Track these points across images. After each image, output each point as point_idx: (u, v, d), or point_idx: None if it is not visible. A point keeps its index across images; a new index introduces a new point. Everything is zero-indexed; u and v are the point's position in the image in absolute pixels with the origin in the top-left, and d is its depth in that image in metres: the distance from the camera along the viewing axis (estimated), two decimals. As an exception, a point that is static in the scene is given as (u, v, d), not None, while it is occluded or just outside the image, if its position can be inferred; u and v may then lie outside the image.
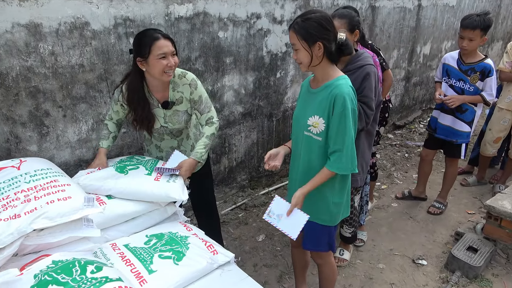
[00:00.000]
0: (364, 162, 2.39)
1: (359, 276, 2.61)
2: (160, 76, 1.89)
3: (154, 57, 1.84)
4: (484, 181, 3.86)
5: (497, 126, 3.54)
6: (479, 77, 2.91)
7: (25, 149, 2.15)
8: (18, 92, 2.05)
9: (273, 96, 3.47)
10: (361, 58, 2.19)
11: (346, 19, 2.18)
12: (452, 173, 3.32)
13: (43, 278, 1.22)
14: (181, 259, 1.59)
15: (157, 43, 1.83)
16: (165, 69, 1.87)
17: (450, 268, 2.64)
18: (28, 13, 1.98)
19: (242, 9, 2.93)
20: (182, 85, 2.04)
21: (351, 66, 2.19)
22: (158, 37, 1.84)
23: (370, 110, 2.16)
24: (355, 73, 2.16)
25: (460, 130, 3.05)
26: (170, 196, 1.82)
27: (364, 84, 2.14)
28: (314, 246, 1.97)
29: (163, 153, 2.21)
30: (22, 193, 1.46)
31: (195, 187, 2.28)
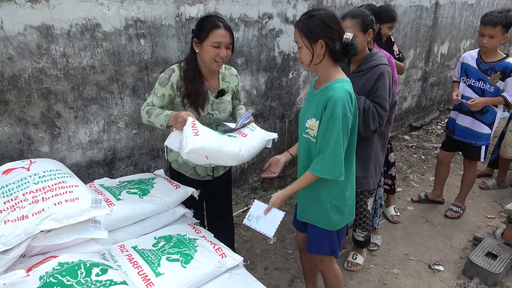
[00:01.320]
0: (377, 164, 2.33)
1: (372, 281, 2.54)
2: (209, 63, 1.92)
3: (208, 43, 1.86)
4: (504, 184, 3.73)
5: None
6: (499, 76, 2.80)
7: (37, 150, 2.17)
8: (30, 93, 2.07)
9: (285, 97, 3.43)
10: (375, 57, 2.14)
11: (359, 18, 2.11)
12: (470, 176, 3.21)
13: (48, 280, 1.21)
14: (189, 262, 1.57)
15: (216, 31, 1.86)
16: (215, 57, 1.89)
17: (468, 275, 2.55)
18: (40, 15, 2.00)
19: (254, 9, 2.91)
20: (230, 75, 2.11)
21: (365, 66, 2.14)
22: (219, 25, 1.87)
23: (383, 111, 2.10)
24: (368, 73, 2.12)
25: (479, 131, 2.95)
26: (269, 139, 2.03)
27: (377, 84, 2.08)
28: (315, 249, 1.95)
29: None
30: (31, 194, 1.46)
31: (212, 192, 2.25)
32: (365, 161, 2.28)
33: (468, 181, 3.24)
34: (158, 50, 2.48)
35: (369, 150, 2.25)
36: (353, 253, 2.70)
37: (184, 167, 2.11)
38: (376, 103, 2.09)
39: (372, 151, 2.26)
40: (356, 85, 2.11)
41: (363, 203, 2.48)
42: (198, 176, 2.14)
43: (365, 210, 2.50)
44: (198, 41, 1.90)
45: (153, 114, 1.87)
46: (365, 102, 2.09)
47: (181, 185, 1.95)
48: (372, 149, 2.26)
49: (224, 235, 2.32)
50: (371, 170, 2.30)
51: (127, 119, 2.48)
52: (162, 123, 1.84)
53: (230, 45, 1.93)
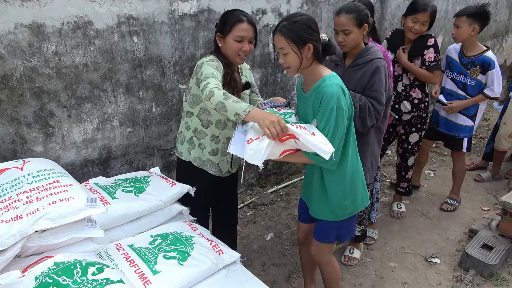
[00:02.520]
0: (373, 158, 2.32)
1: (370, 275, 2.55)
2: (233, 57, 1.92)
3: (231, 37, 1.87)
4: (499, 176, 3.76)
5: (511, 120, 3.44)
6: (479, 70, 2.83)
7: (30, 150, 2.16)
8: (22, 93, 2.05)
9: (280, 92, 3.43)
10: (371, 52, 2.13)
11: (354, 13, 2.08)
12: (461, 167, 3.26)
13: (44, 280, 1.20)
14: (185, 259, 1.56)
15: (239, 25, 1.86)
16: (239, 52, 1.89)
17: (464, 267, 2.57)
18: (31, 13, 1.97)
19: (247, 5, 2.89)
20: (245, 69, 2.14)
21: (360, 60, 2.13)
22: (243, 19, 1.87)
23: (380, 106, 2.09)
24: (364, 67, 2.11)
25: (462, 124, 3.00)
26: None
27: (373, 78, 2.07)
28: (323, 238, 1.97)
29: (219, 144, 2.05)
30: (24, 194, 1.45)
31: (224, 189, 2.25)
32: (361, 156, 2.27)
33: (459, 173, 3.27)
34: (152, 47, 2.47)
35: (365, 145, 2.24)
36: (350, 247, 2.70)
37: (208, 164, 2.08)
38: (372, 97, 2.08)
39: (368, 145, 2.26)
40: (351, 79, 2.12)
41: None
42: (220, 172, 2.13)
43: None
44: (221, 35, 1.90)
45: (231, 99, 1.61)
46: (361, 99, 2.09)
47: (176, 183, 1.94)
48: (369, 143, 2.25)
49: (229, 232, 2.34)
50: (367, 165, 2.28)
51: (121, 117, 2.47)
52: (240, 112, 1.57)
53: (253, 39, 1.93)
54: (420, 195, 3.51)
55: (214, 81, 1.71)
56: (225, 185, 2.25)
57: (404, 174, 3.18)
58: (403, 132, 3.03)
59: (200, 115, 1.99)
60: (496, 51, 6.66)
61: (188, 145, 2.07)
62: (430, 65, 2.74)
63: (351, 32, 2.06)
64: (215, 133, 2.02)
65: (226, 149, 1.85)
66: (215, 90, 1.65)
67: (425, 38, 2.76)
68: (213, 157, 2.07)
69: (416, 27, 2.67)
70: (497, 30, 6.36)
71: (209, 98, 1.65)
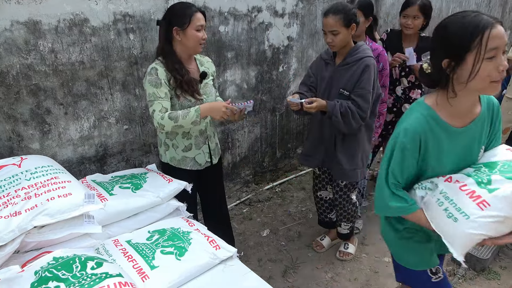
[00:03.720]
0: (364, 155, 2.38)
1: (364, 270, 2.59)
2: (194, 48, 1.97)
3: (192, 28, 1.91)
4: None
5: (506, 117, 3.47)
6: None
7: (27, 147, 2.16)
8: (19, 90, 2.05)
9: (276, 90, 3.45)
10: (360, 50, 2.16)
11: (341, 14, 2.08)
12: None
13: (43, 274, 1.22)
14: (183, 255, 1.58)
15: (197, 15, 1.91)
16: (200, 41, 1.95)
17: (457, 261, 2.60)
18: (27, 10, 1.97)
19: (243, 3, 2.91)
20: (207, 62, 2.19)
21: (350, 59, 2.16)
22: (197, 9, 1.94)
23: (365, 103, 2.13)
24: (354, 66, 2.14)
25: None
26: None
27: (362, 76, 2.11)
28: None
29: (191, 139, 2.11)
30: (23, 191, 1.46)
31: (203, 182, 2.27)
32: (352, 153, 2.32)
33: None
34: (148, 45, 2.47)
35: (356, 142, 2.30)
36: (344, 243, 2.74)
37: (184, 161, 2.13)
38: (359, 95, 2.12)
39: (358, 142, 2.30)
40: (342, 78, 2.19)
41: (346, 197, 2.51)
42: (199, 166, 2.17)
43: (350, 203, 2.54)
44: (180, 29, 1.91)
45: (179, 117, 1.87)
46: (341, 106, 2.12)
47: (173, 179, 1.96)
48: (359, 140, 2.30)
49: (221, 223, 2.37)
50: (358, 161, 2.34)
51: (118, 114, 2.48)
52: (194, 118, 1.88)
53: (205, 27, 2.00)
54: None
55: (158, 106, 1.89)
56: (208, 177, 2.27)
57: None
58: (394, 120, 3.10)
59: None
60: (489, 49, 6.71)
61: (164, 147, 2.14)
62: None
63: (339, 32, 2.08)
64: (186, 130, 2.07)
65: (199, 142, 2.10)
66: (160, 122, 1.87)
67: (429, 41, 2.79)
68: (187, 153, 2.12)
69: (409, 22, 2.75)
70: (490, 28, 6.40)
71: (162, 129, 1.91)
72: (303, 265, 2.62)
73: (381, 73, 2.57)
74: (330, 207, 2.71)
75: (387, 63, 2.58)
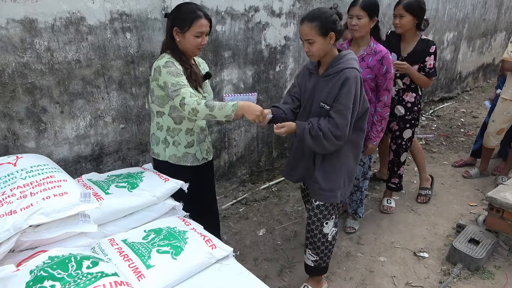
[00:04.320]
0: (347, 175, 2.12)
1: (360, 269, 2.60)
2: (192, 51, 1.97)
3: (191, 34, 1.90)
4: (486, 173, 3.83)
5: (501, 118, 3.50)
6: None
7: (23, 146, 2.15)
8: (14, 88, 2.04)
9: (273, 90, 3.45)
10: (343, 60, 1.95)
11: (317, 21, 1.86)
12: (416, 150, 3.38)
13: (39, 274, 1.21)
14: (179, 254, 1.58)
15: (199, 22, 1.89)
16: (198, 46, 1.95)
17: (452, 261, 2.63)
18: (23, 8, 1.97)
19: (240, 2, 2.91)
20: (202, 63, 2.20)
21: (331, 70, 1.96)
22: (201, 15, 1.90)
23: (342, 120, 1.92)
24: (334, 78, 1.95)
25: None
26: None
27: (342, 90, 1.91)
28: None
29: (194, 136, 2.11)
30: (18, 189, 1.46)
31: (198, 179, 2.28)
32: (332, 172, 2.09)
33: (419, 158, 3.42)
34: (144, 44, 2.47)
35: (337, 161, 2.08)
36: (304, 284, 2.37)
37: (185, 158, 2.13)
38: (336, 111, 1.93)
39: (340, 161, 2.08)
40: (323, 91, 2.00)
41: (316, 220, 2.17)
42: (197, 161, 2.18)
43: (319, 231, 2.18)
44: (180, 31, 1.91)
45: (215, 107, 1.81)
46: (311, 129, 1.96)
47: (170, 178, 1.96)
48: (341, 159, 2.08)
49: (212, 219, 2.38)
50: (338, 182, 2.10)
51: (114, 113, 2.47)
52: (229, 113, 1.82)
53: (209, 32, 1.99)
54: (409, 191, 3.57)
55: (187, 93, 1.84)
56: (203, 174, 2.29)
57: (396, 170, 3.23)
58: (397, 128, 3.09)
59: (171, 113, 2.02)
60: (485, 50, 6.76)
61: (163, 145, 2.11)
62: (429, 72, 2.86)
63: (314, 41, 1.89)
64: (189, 126, 2.08)
65: (199, 138, 2.12)
66: (196, 107, 1.81)
67: (428, 45, 2.82)
68: (189, 149, 2.12)
69: (396, 22, 2.78)
70: (486, 29, 6.45)
71: (194, 115, 1.85)
72: (299, 264, 2.62)
73: (384, 76, 2.49)
74: None
75: (391, 66, 2.50)
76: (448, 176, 3.84)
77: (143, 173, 2.05)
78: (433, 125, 5.23)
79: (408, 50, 2.86)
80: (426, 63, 2.83)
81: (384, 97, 2.55)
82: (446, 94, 6.15)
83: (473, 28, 6.08)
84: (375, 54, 2.49)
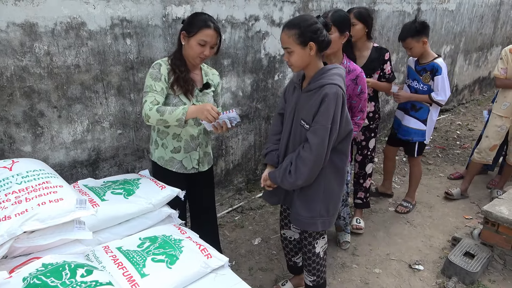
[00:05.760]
0: (331, 202, 1.98)
1: (355, 281, 2.59)
2: (192, 58, 1.99)
3: (195, 40, 1.93)
4: (466, 194, 3.69)
5: (494, 134, 3.50)
6: (430, 76, 3.04)
7: (19, 150, 2.13)
8: (12, 92, 2.03)
9: (271, 98, 3.46)
10: (325, 75, 1.80)
11: (296, 29, 1.72)
12: (416, 172, 3.42)
13: (32, 281, 1.19)
14: (174, 263, 1.57)
15: (205, 31, 1.92)
16: (200, 55, 1.96)
17: (447, 274, 2.62)
18: (24, 12, 1.96)
19: (241, 11, 2.93)
20: (212, 74, 2.20)
21: (313, 84, 1.82)
22: (210, 25, 1.93)
23: (317, 140, 1.77)
24: (315, 94, 1.80)
25: (415, 128, 3.18)
26: None
27: (320, 108, 1.77)
28: None
29: (181, 142, 2.11)
30: (13, 195, 1.44)
31: (196, 187, 2.27)
32: (312, 200, 1.96)
33: (415, 178, 3.44)
34: (144, 50, 2.47)
35: (319, 188, 1.94)
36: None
37: (171, 163, 2.14)
38: (312, 131, 1.79)
39: (321, 188, 1.94)
40: (303, 107, 1.86)
41: (307, 243, 2.15)
42: (184, 169, 2.18)
43: (312, 253, 2.15)
44: (186, 35, 1.95)
45: (166, 112, 1.86)
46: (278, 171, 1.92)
47: (166, 186, 1.95)
48: (322, 187, 1.93)
49: (209, 232, 2.34)
50: (319, 210, 1.96)
51: (112, 119, 2.46)
52: (179, 116, 1.84)
53: (216, 45, 2.00)
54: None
55: (150, 98, 1.92)
56: (197, 182, 2.27)
57: (362, 183, 3.17)
58: (363, 138, 3.06)
59: None
60: (481, 64, 6.84)
61: (154, 145, 2.17)
62: (390, 78, 2.95)
63: (293, 51, 1.76)
64: (176, 131, 2.10)
65: (189, 146, 2.13)
66: (147, 112, 1.88)
67: (382, 52, 2.88)
68: (176, 154, 2.14)
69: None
70: (482, 43, 6.53)
71: (147, 120, 1.90)
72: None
73: (359, 96, 2.34)
74: (295, 249, 2.36)
75: (366, 85, 2.37)
76: (444, 188, 3.84)
77: (139, 180, 2.03)
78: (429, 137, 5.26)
79: (363, 59, 2.88)
80: (385, 70, 2.91)
81: (357, 117, 2.42)
82: (443, 106, 6.19)
83: (469, 42, 6.15)
84: (348, 72, 2.32)
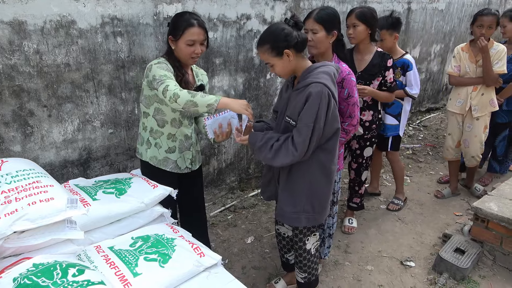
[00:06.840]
0: (316, 199, 1.97)
1: (347, 278, 2.60)
2: (186, 60, 1.98)
3: (183, 42, 1.91)
4: (457, 192, 3.74)
5: (455, 131, 3.53)
6: (401, 72, 3.09)
7: (8, 149, 2.11)
8: (1, 91, 2.01)
9: (263, 97, 3.46)
10: (312, 74, 1.80)
11: (267, 43, 1.76)
12: (396, 167, 3.46)
13: (22, 281, 1.18)
14: (167, 262, 1.56)
15: (190, 30, 1.90)
16: (191, 55, 1.95)
17: (438, 270, 2.65)
18: (12, 10, 1.94)
19: (232, 10, 2.92)
20: (201, 74, 2.21)
21: (300, 83, 1.82)
22: (193, 23, 1.91)
23: (299, 138, 1.77)
24: (302, 92, 1.80)
25: (388, 123, 3.23)
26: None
27: (304, 106, 1.77)
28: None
29: (176, 142, 2.11)
30: (3, 194, 1.42)
31: (187, 185, 2.27)
32: (296, 194, 1.95)
33: (398, 174, 3.48)
34: (136, 49, 2.46)
35: (304, 183, 1.93)
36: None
37: (165, 162, 2.13)
38: (297, 128, 1.80)
39: (305, 183, 1.93)
40: (291, 105, 1.88)
41: (298, 240, 2.14)
42: (178, 169, 2.17)
43: (303, 250, 2.15)
44: (173, 39, 1.94)
45: (197, 95, 1.75)
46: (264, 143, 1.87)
47: (159, 185, 1.94)
48: (308, 183, 1.93)
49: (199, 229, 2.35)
50: (303, 206, 1.95)
51: (103, 118, 2.44)
52: (212, 102, 1.73)
53: (205, 41, 1.98)
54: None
55: (171, 82, 1.81)
56: (188, 183, 2.28)
57: (357, 189, 3.14)
58: (357, 147, 2.97)
59: (155, 115, 2.04)
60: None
61: (146, 145, 2.14)
62: (391, 86, 2.75)
63: (273, 64, 1.80)
64: (171, 131, 2.09)
65: (183, 146, 2.11)
66: (177, 91, 1.75)
67: (385, 58, 2.69)
68: (170, 154, 2.13)
69: (350, 32, 2.62)
70: (471, 42, 6.59)
71: (175, 100, 1.76)
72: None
73: (346, 101, 2.16)
74: (288, 246, 2.37)
75: (354, 89, 2.16)
76: (435, 186, 3.89)
77: (131, 179, 2.02)
78: (420, 135, 5.31)
79: (364, 63, 2.71)
80: (386, 78, 2.71)
81: (345, 123, 2.22)
82: (433, 104, 6.25)
83: (459, 41, 6.21)
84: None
